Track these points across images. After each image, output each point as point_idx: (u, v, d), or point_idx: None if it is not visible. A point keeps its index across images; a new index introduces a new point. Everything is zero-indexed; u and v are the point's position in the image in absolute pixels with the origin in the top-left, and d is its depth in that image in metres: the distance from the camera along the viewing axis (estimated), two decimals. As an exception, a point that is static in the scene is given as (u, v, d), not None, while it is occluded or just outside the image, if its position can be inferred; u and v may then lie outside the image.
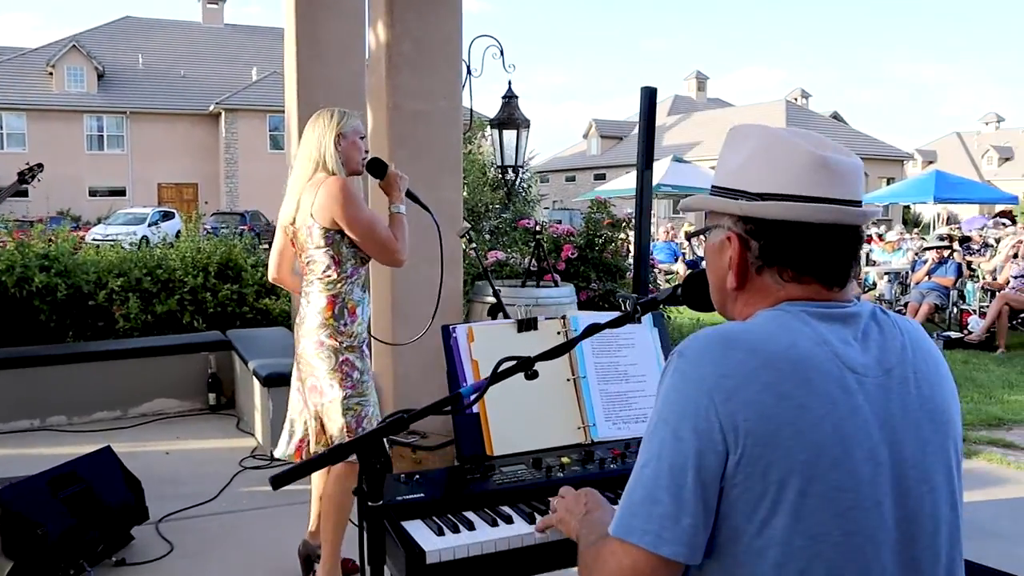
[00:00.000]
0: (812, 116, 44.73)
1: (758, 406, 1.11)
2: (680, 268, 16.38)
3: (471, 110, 5.78)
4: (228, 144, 37.01)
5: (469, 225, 4.36)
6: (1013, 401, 6.71)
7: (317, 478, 3.33)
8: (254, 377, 5.19)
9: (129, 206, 32.82)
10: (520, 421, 1.99)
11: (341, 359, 3.05)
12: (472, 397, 1.44)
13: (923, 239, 18.18)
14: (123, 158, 37.47)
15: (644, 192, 5.72)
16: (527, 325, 2.12)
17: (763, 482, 1.10)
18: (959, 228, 19.78)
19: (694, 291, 1.49)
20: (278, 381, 4.90)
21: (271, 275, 3.45)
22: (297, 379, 3.20)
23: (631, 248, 7.23)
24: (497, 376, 1.44)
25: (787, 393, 1.11)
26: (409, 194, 3.24)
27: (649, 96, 5.74)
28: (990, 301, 9.67)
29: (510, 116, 6.03)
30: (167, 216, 28.57)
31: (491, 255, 6.23)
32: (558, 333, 2.16)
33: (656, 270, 12.85)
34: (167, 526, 3.92)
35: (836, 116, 48.43)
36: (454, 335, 2.04)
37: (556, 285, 5.34)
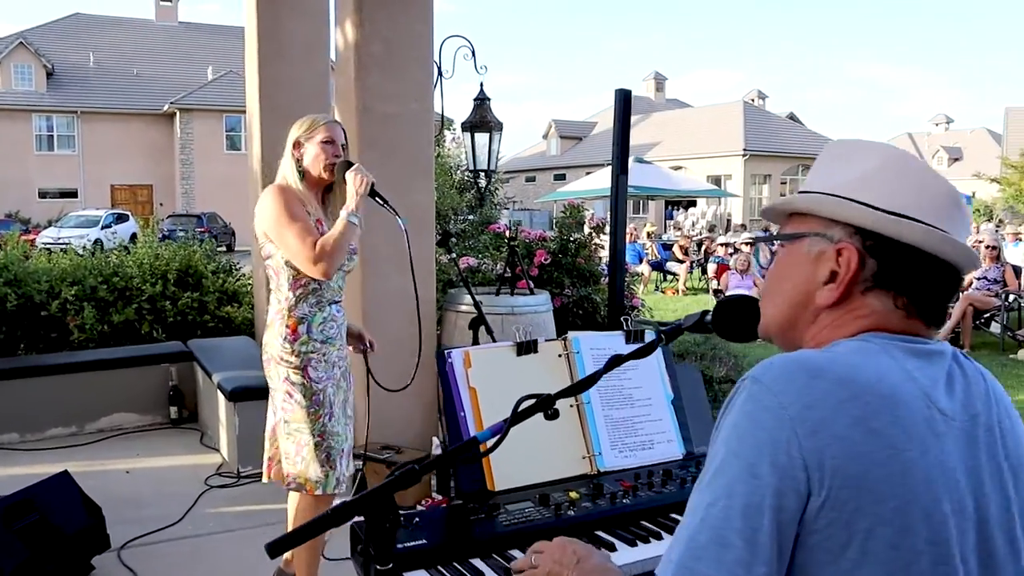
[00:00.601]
0: (769, 117, 45.19)
1: (847, 443, 0.98)
2: (644, 269, 16.39)
3: (442, 112, 5.62)
4: (183, 144, 36.25)
5: (450, 232, 4.19)
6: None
7: (292, 504, 3.15)
8: (219, 391, 4.98)
9: (81, 208, 32.02)
10: (522, 452, 1.85)
11: (283, 378, 2.92)
12: (490, 443, 1.29)
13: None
14: (74, 159, 36.52)
15: (619, 197, 5.63)
16: (526, 348, 1.98)
17: (848, 530, 0.97)
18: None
19: (727, 318, 1.37)
20: (244, 395, 4.70)
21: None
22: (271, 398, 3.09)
23: (603, 253, 7.14)
24: (517, 417, 1.30)
25: (878, 431, 0.99)
26: (375, 195, 3.00)
27: (624, 99, 5.65)
28: (954, 302, 9.75)
29: (482, 119, 5.88)
30: (121, 218, 27.93)
31: (462, 261, 6.07)
32: (559, 355, 2.02)
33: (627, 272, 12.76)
34: (130, 553, 3.71)
35: (792, 117, 48.98)
36: (450, 360, 1.89)
37: (531, 292, 5.20)
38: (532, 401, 1.32)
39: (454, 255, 4.13)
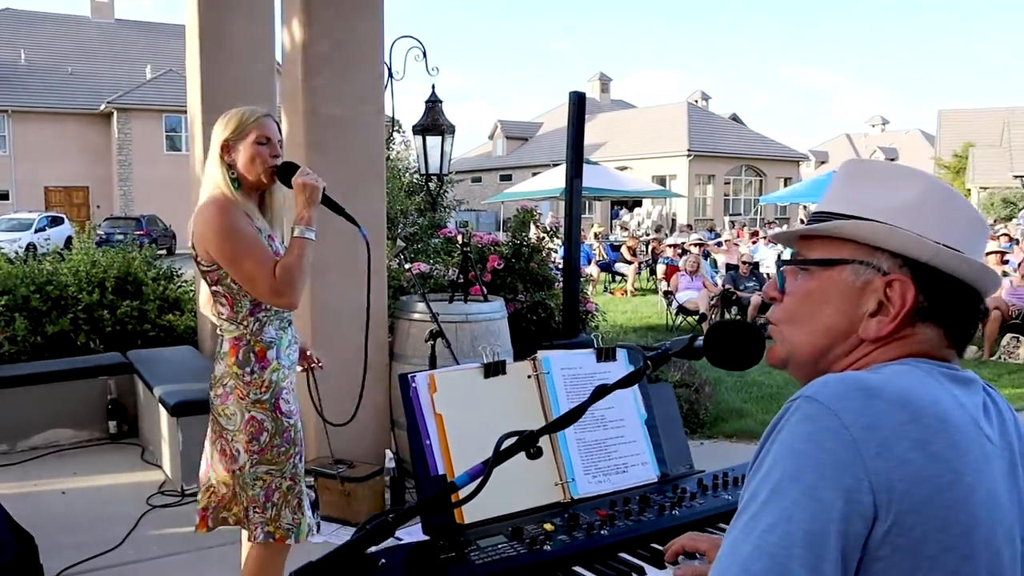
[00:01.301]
0: (713, 118, 45.76)
1: (911, 466, 0.92)
2: (593, 271, 16.40)
3: (393, 114, 5.48)
4: (121, 145, 35.24)
5: (404, 244, 4.06)
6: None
7: (247, 553, 2.84)
8: (160, 405, 4.76)
9: (13, 211, 30.94)
10: (493, 480, 1.72)
11: (247, 417, 2.53)
12: (471, 488, 1.18)
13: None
14: (4, 160, 35.18)
15: (574, 200, 5.55)
16: (494, 369, 1.87)
17: (914, 557, 0.91)
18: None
19: (720, 344, 1.27)
20: (187, 410, 4.50)
21: (200, 305, 2.90)
22: (208, 439, 2.68)
23: (555, 257, 7.06)
24: (499, 458, 1.19)
25: (938, 454, 0.94)
26: (329, 202, 2.64)
27: (577, 101, 5.57)
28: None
29: (434, 121, 5.75)
30: (56, 221, 27.08)
31: (413, 267, 5.93)
32: (528, 376, 1.92)
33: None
34: (66, 583, 3.50)
35: (735, 118, 49.70)
36: (413, 385, 1.77)
37: (485, 299, 5.08)
38: (513, 440, 1.21)
39: (405, 265, 3.99)
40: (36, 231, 24.57)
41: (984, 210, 33.95)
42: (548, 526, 1.67)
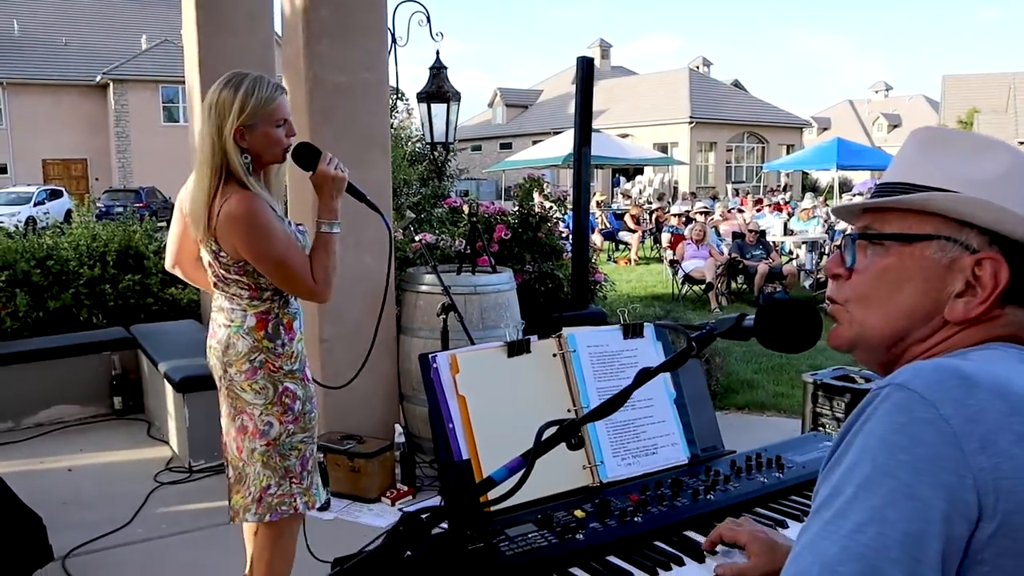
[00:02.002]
0: (715, 84, 45.32)
1: (1016, 462, 0.83)
2: (597, 239, 16.27)
3: (396, 82, 5.35)
4: (119, 117, 34.93)
5: (412, 216, 3.96)
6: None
7: (249, 533, 2.76)
8: (166, 381, 4.69)
9: (11, 184, 30.74)
10: (518, 465, 1.65)
11: (280, 389, 2.46)
12: (512, 481, 1.10)
13: (827, 205, 18.57)
14: (1, 133, 34.95)
15: (583, 168, 5.43)
16: (518, 348, 1.79)
17: (1019, 560, 0.83)
18: (862, 195, 20.28)
19: (774, 324, 1.18)
20: (194, 385, 4.44)
21: (168, 263, 2.74)
22: (225, 415, 2.56)
23: (561, 227, 6.96)
24: (541, 449, 1.11)
25: None
26: (352, 190, 2.54)
27: (585, 67, 5.44)
28: None
29: (439, 88, 5.61)
30: (55, 194, 26.84)
31: (420, 237, 5.83)
32: (554, 355, 1.83)
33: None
34: (75, 562, 3.45)
35: (737, 84, 49.23)
36: (435, 365, 1.69)
37: (493, 270, 5.00)
38: (554, 429, 1.12)
39: (420, 240, 3.88)
40: (35, 204, 24.38)
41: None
42: (579, 513, 1.60)
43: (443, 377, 1.68)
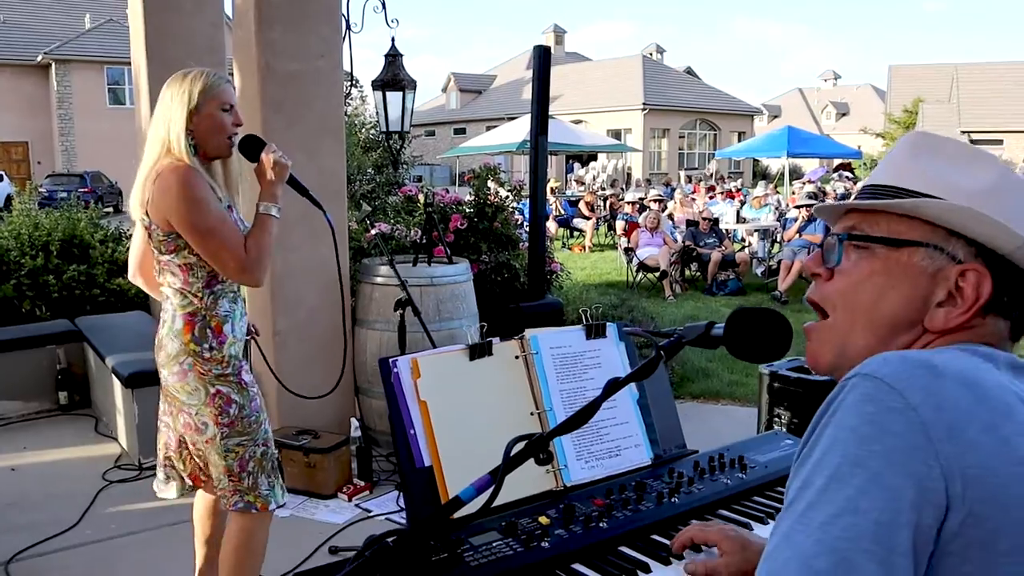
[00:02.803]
0: (668, 71, 45.58)
1: (983, 452, 0.83)
2: (552, 226, 16.27)
3: (351, 69, 5.26)
4: (61, 99, 33.90)
5: (369, 209, 3.89)
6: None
7: (199, 519, 2.80)
8: (114, 376, 4.57)
9: (-53, 168, 29.74)
10: (481, 468, 1.62)
11: (212, 391, 2.45)
12: (484, 497, 1.07)
13: (778, 192, 18.83)
14: (-64, 114, 33.75)
15: (539, 158, 5.41)
16: (480, 351, 1.75)
17: (986, 552, 0.82)
18: (813, 183, 20.59)
19: (743, 334, 1.17)
20: (143, 380, 4.32)
21: (131, 272, 2.73)
22: (166, 413, 2.58)
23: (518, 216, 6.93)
24: (510, 466, 1.09)
25: (1008, 439, 0.85)
26: (293, 183, 2.58)
27: (542, 55, 5.41)
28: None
29: (395, 76, 5.53)
30: (-7, 179, 26.06)
31: (375, 227, 5.75)
32: (516, 357, 1.80)
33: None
34: (20, 567, 3.34)
35: (690, 71, 49.56)
36: (395, 370, 1.65)
37: (450, 261, 4.95)
38: (522, 444, 1.10)
39: (376, 232, 3.82)
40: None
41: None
42: (544, 519, 1.57)
43: (404, 382, 1.65)
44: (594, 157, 31.98)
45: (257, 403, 2.55)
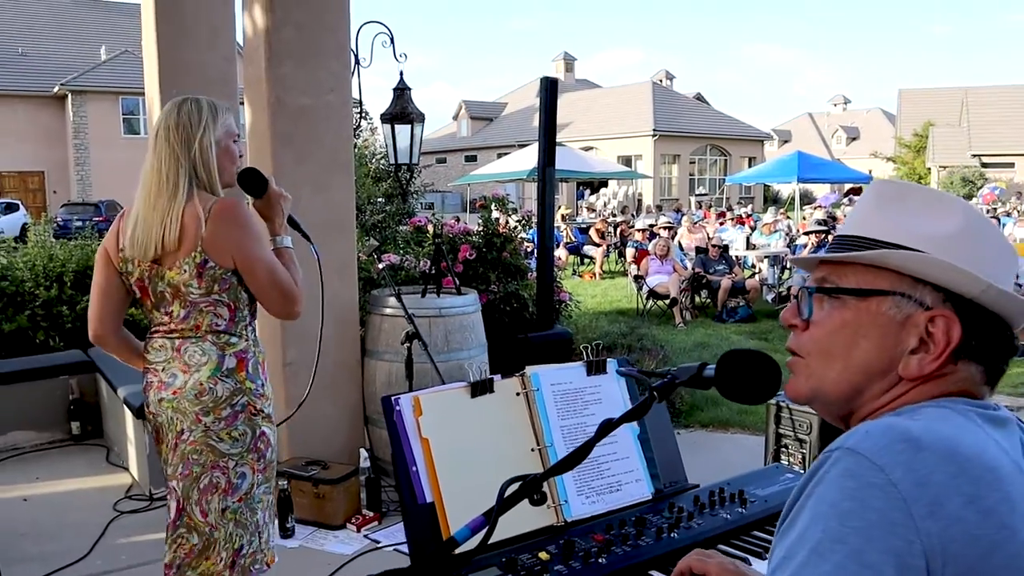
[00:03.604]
0: (677, 97, 45.82)
1: (964, 525, 0.85)
2: (562, 253, 16.33)
3: (360, 103, 5.34)
4: (77, 129, 34.36)
5: (377, 243, 3.95)
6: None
7: None
8: (125, 406, 4.61)
9: (-35, 197, 30.09)
10: (482, 504, 1.64)
11: (258, 433, 2.36)
12: (475, 539, 1.10)
13: (788, 218, 18.85)
14: (-44, 144, 34.22)
15: (547, 189, 5.47)
16: (481, 388, 1.79)
17: None
18: (824, 208, 20.57)
19: (734, 376, 1.20)
20: (154, 411, 4.36)
21: (92, 331, 2.55)
22: (180, 477, 2.34)
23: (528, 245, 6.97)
24: (505, 506, 1.11)
25: (991, 510, 0.87)
26: (289, 219, 2.56)
27: (549, 87, 5.47)
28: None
29: (403, 110, 5.61)
30: (10, 208, 26.38)
31: (384, 258, 5.80)
32: (517, 394, 1.83)
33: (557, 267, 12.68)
34: (30, 598, 3.37)
35: (700, 97, 49.79)
36: (397, 408, 1.68)
37: (459, 292, 4.99)
38: (517, 485, 1.12)
39: (384, 265, 3.87)
40: (-11, 219, 23.91)
41: (944, 189, 34.46)
42: (543, 555, 1.60)
43: (406, 419, 1.68)
44: (605, 183, 32.12)
45: (275, 443, 2.49)
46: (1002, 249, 1.04)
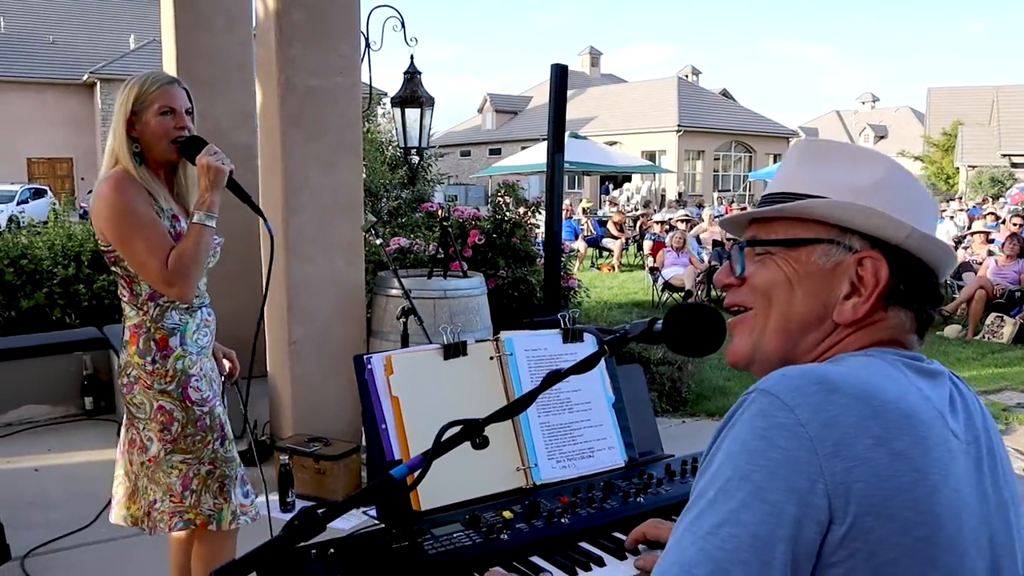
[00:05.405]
0: (703, 93, 45.54)
1: (871, 465, 0.87)
2: (580, 246, 16.32)
3: (370, 86, 5.37)
4: (105, 116, 34.71)
5: (375, 219, 3.98)
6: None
7: (176, 547, 2.77)
8: (134, 382, 4.69)
9: (-5, 182, 30.56)
10: (451, 466, 1.66)
11: (155, 406, 2.40)
12: (411, 479, 1.13)
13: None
14: (-14, 131, 34.75)
15: (555, 176, 5.48)
16: (454, 350, 1.81)
17: (871, 563, 0.86)
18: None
19: (679, 329, 1.22)
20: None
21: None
22: (123, 424, 2.54)
23: (539, 231, 6.99)
24: (440, 448, 1.14)
25: (901, 452, 0.88)
26: (234, 187, 2.44)
27: (559, 74, 5.48)
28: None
29: (413, 93, 5.64)
30: (39, 194, 26.70)
31: (393, 241, 5.85)
32: (491, 358, 1.86)
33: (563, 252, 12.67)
34: (34, 562, 3.45)
35: (725, 93, 49.46)
36: (369, 367, 1.71)
37: (465, 275, 5.02)
38: (457, 428, 1.15)
39: (381, 241, 3.91)
40: (19, 203, 24.24)
41: (972, 189, 34.03)
42: (507, 514, 1.62)
43: (377, 378, 1.71)
44: (629, 178, 32.02)
45: (204, 423, 2.47)
46: (923, 200, 1.06)
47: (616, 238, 17.15)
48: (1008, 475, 1.03)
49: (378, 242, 3.76)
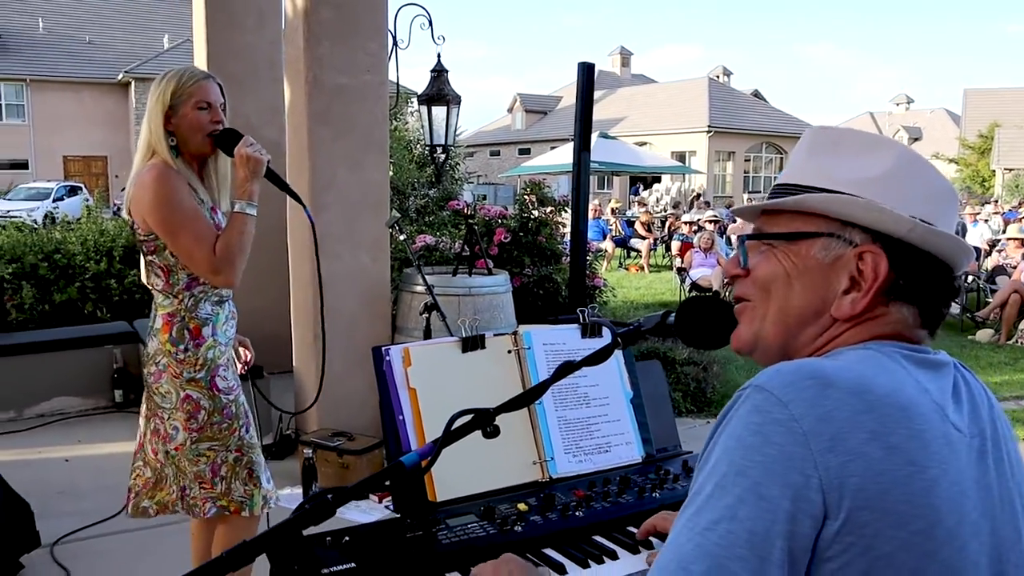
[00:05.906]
0: (734, 93, 45.20)
1: (865, 460, 0.86)
2: (608, 246, 16.28)
3: (397, 84, 5.40)
4: (139, 115, 35.06)
5: (398, 215, 4.00)
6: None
7: (198, 533, 2.81)
8: (163, 375, 4.76)
9: (32, 180, 31.09)
10: (467, 458, 1.68)
11: (182, 396, 2.45)
12: (423, 465, 1.14)
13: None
14: (24, 129, 35.35)
15: (582, 174, 5.48)
16: (472, 343, 1.82)
17: (866, 557, 0.85)
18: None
19: (693, 321, 1.22)
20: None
21: (142, 277, 2.66)
22: (143, 415, 2.58)
23: (566, 230, 6.99)
24: (450, 436, 1.15)
25: (897, 446, 0.88)
26: (273, 176, 2.51)
27: (586, 72, 5.48)
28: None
29: (439, 91, 5.67)
30: (73, 191, 27.11)
31: (419, 239, 5.89)
32: (509, 352, 1.86)
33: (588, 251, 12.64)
34: (63, 550, 3.51)
35: (757, 94, 49.07)
36: (387, 358, 1.72)
37: (490, 272, 5.04)
38: (468, 417, 1.16)
39: (405, 236, 3.93)
40: (55, 200, 24.63)
41: (1009, 191, 33.45)
42: (522, 506, 1.63)
43: (395, 369, 1.72)
44: (658, 179, 31.88)
45: (230, 411, 2.52)
46: (939, 188, 1.04)
47: (644, 238, 17.08)
48: (1016, 466, 1.02)
49: (402, 237, 3.77)
